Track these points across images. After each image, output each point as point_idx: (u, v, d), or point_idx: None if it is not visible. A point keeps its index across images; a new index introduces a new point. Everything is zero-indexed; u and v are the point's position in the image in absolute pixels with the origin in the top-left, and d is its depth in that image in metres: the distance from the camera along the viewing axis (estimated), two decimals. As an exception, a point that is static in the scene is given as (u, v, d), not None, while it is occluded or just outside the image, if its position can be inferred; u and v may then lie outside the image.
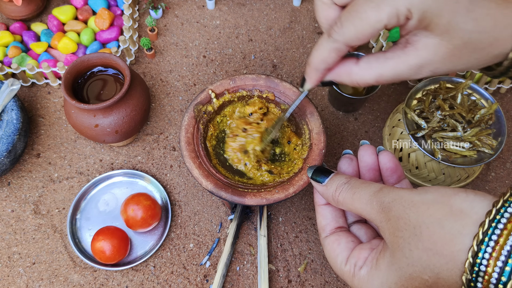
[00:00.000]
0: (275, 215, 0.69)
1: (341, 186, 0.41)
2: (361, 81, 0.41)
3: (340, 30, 0.39)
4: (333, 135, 0.75)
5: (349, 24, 0.38)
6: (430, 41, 0.37)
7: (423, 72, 0.38)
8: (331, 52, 0.41)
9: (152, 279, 0.64)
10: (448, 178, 0.67)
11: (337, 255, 0.41)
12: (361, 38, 0.38)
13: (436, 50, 0.37)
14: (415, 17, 0.36)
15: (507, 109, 0.77)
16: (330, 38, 0.40)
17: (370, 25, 0.37)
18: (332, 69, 0.44)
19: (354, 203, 0.39)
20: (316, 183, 0.44)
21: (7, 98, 0.67)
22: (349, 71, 0.42)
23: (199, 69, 0.80)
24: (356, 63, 0.42)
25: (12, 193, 0.69)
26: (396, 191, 0.36)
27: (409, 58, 0.38)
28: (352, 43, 0.39)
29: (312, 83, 0.46)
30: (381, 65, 0.40)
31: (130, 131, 0.67)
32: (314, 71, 0.44)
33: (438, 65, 0.38)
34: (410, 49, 0.38)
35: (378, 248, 0.38)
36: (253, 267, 0.65)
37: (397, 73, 0.39)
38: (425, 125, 0.64)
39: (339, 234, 0.43)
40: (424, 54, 0.37)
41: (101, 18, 0.78)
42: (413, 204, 0.34)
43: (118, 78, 0.68)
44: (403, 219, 0.34)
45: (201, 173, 0.55)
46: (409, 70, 0.38)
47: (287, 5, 0.87)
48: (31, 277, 0.63)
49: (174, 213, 0.68)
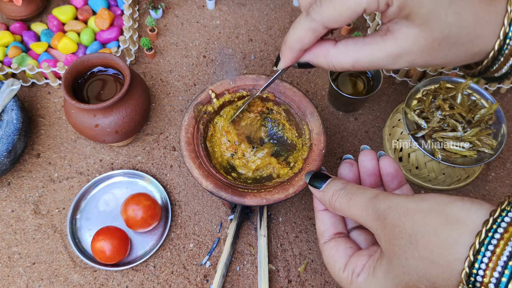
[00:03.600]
0: (275, 215, 0.69)
1: (338, 192, 0.40)
2: (337, 64, 0.40)
3: (318, 9, 0.38)
4: (333, 135, 0.75)
5: (328, 4, 0.37)
6: (410, 31, 0.36)
7: (400, 61, 0.38)
8: (307, 32, 0.40)
9: (152, 279, 0.64)
10: (448, 178, 0.67)
11: (335, 261, 0.41)
12: (339, 20, 0.37)
13: (415, 40, 0.36)
14: (395, 3, 0.36)
15: (507, 109, 0.77)
16: (308, 16, 0.39)
17: (349, 7, 0.36)
18: (309, 50, 0.42)
19: (350, 209, 0.39)
20: (314, 188, 0.44)
21: (7, 98, 0.67)
22: (326, 53, 0.41)
23: (199, 69, 0.80)
24: (334, 45, 0.41)
25: (12, 193, 0.69)
26: (391, 198, 0.36)
27: (387, 46, 0.38)
28: (330, 24, 0.38)
29: (286, 62, 0.44)
30: (358, 49, 0.39)
31: (130, 131, 0.67)
32: (289, 50, 0.43)
33: (415, 56, 0.37)
34: (389, 37, 0.38)
35: (375, 255, 0.38)
36: (253, 267, 0.65)
37: (373, 60, 0.38)
38: (425, 125, 0.64)
39: (337, 240, 0.42)
40: (403, 43, 0.37)
41: (101, 18, 0.78)
42: (408, 212, 0.33)
43: (118, 78, 0.68)
44: (399, 227, 0.33)
45: (201, 173, 0.55)
46: (386, 58, 0.38)
47: (287, 5, 0.87)
48: (31, 277, 0.63)
49: (174, 213, 0.68)
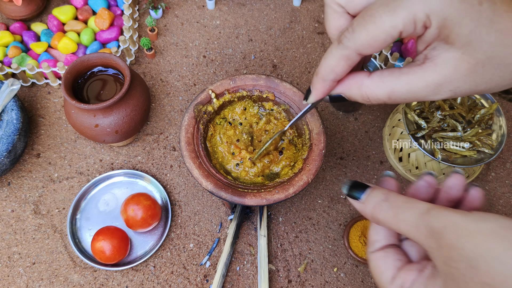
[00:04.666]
0: (275, 215, 0.69)
1: (380, 205, 0.37)
2: (372, 96, 0.38)
3: (351, 36, 0.36)
4: (333, 135, 0.75)
5: (362, 28, 0.35)
6: (450, 55, 0.34)
7: (441, 91, 0.35)
8: (340, 60, 0.37)
9: (152, 279, 0.64)
10: (448, 178, 0.67)
11: (382, 273, 0.39)
12: (373, 45, 0.35)
13: (457, 65, 0.34)
14: (434, 24, 0.33)
15: (507, 109, 0.77)
16: (340, 44, 0.37)
17: (383, 30, 0.34)
18: (342, 81, 0.40)
19: (398, 225, 0.36)
20: (353, 200, 0.40)
21: (7, 98, 0.67)
22: (360, 84, 0.39)
23: (199, 69, 0.80)
24: (368, 76, 0.39)
25: (12, 193, 0.69)
26: (447, 216, 0.33)
27: (426, 74, 0.35)
28: (363, 50, 0.36)
29: (318, 95, 0.42)
30: (395, 79, 0.36)
31: (130, 131, 0.67)
32: (321, 82, 0.40)
33: (459, 83, 0.34)
34: (428, 65, 0.35)
35: (426, 272, 0.36)
36: (253, 267, 0.65)
37: (411, 90, 0.36)
38: (425, 125, 0.64)
39: (386, 251, 0.40)
40: (444, 70, 0.34)
41: (101, 18, 0.78)
42: (468, 233, 0.31)
43: (118, 78, 0.68)
44: (458, 249, 0.31)
45: (201, 173, 0.55)
46: (425, 88, 0.35)
47: (287, 5, 0.87)
48: (31, 277, 0.63)
49: (174, 213, 0.68)
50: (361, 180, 0.71)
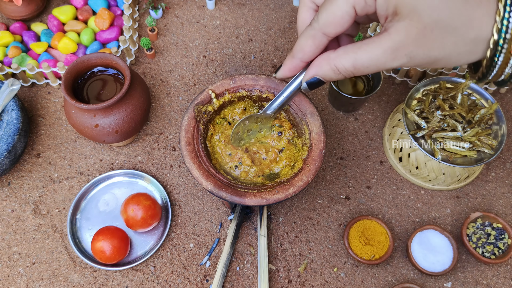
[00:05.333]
0: (275, 215, 0.69)
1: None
2: (340, 66, 0.42)
3: (316, 18, 0.42)
4: (333, 135, 0.75)
5: (322, 9, 0.41)
6: (400, 24, 0.37)
7: (398, 56, 0.39)
8: (307, 40, 0.43)
9: (152, 279, 0.64)
10: (448, 178, 0.67)
11: None
12: (333, 21, 0.40)
13: (407, 31, 0.37)
14: None
15: (507, 109, 0.77)
16: (309, 26, 0.43)
17: (339, 7, 0.39)
18: (313, 63, 0.45)
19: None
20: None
21: (7, 98, 0.67)
22: (327, 59, 0.43)
23: (199, 69, 0.80)
24: (334, 51, 0.43)
25: (12, 193, 0.69)
26: None
27: (382, 42, 0.39)
28: (326, 29, 0.41)
29: (285, 70, 0.47)
30: (357, 49, 0.40)
31: (130, 131, 0.67)
32: (290, 59, 0.46)
33: (412, 47, 0.38)
34: (383, 34, 0.39)
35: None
36: (253, 267, 0.65)
37: (371, 58, 0.39)
38: (425, 125, 0.64)
39: None
40: (396, 37, 0.38)
41: (101, 18, 0.78)
42: None
43: (118, 78, 0.68)
44: None
45: (201, 173, 0.55)
46: (383, 54, 0.39)
47: (287, 5, 0.87)
48: (31, 277, 0.63)
49: (174, 213, 0.68)
50: (361, 180, 0.71)
